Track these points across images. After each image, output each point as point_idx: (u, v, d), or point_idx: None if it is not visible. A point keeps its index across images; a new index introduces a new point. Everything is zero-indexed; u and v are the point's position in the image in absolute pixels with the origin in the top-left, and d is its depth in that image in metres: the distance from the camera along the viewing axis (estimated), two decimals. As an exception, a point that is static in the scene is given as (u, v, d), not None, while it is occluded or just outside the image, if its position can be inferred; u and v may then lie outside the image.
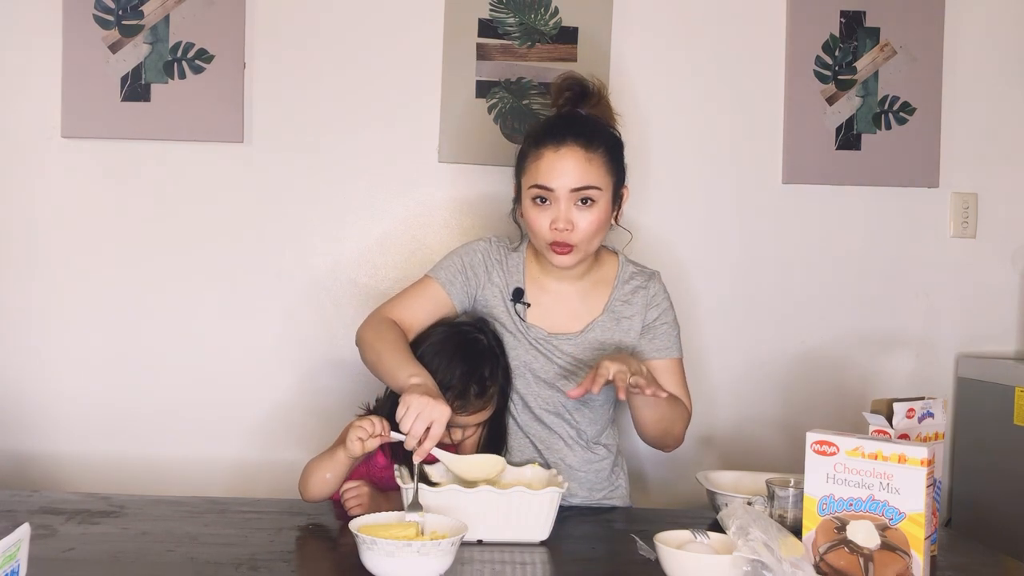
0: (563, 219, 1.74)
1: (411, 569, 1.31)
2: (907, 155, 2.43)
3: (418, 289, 1.88)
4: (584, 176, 1.74)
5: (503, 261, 1.89)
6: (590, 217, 1.75)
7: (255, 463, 2.33)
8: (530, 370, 1.85)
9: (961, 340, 2.48)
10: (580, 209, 1.75)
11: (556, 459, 1.84)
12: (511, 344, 1.85)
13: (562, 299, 1.87)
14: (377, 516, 1.44)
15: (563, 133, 1.76)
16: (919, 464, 1.31)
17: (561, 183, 1.74)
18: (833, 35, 2.40)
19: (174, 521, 1.63)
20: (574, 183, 1.74)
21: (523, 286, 1.86)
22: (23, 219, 2.32)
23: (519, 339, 1.85)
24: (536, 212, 1.77)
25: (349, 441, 1.57)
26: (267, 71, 2.33)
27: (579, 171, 1.74)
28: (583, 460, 1.87)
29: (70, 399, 2.32)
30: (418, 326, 1.82)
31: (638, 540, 1.53)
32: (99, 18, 2.28)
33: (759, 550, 1.28)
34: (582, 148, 1.74)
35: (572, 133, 1.76)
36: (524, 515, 1.54)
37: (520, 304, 1.85)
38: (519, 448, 1.86)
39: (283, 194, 2.35)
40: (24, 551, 1.09)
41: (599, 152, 1.76)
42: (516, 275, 1.87)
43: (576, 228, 1.75)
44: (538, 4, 2.34)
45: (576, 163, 1.74)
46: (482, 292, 1.88)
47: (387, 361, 1.71)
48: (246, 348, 2.34)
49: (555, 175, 1.74)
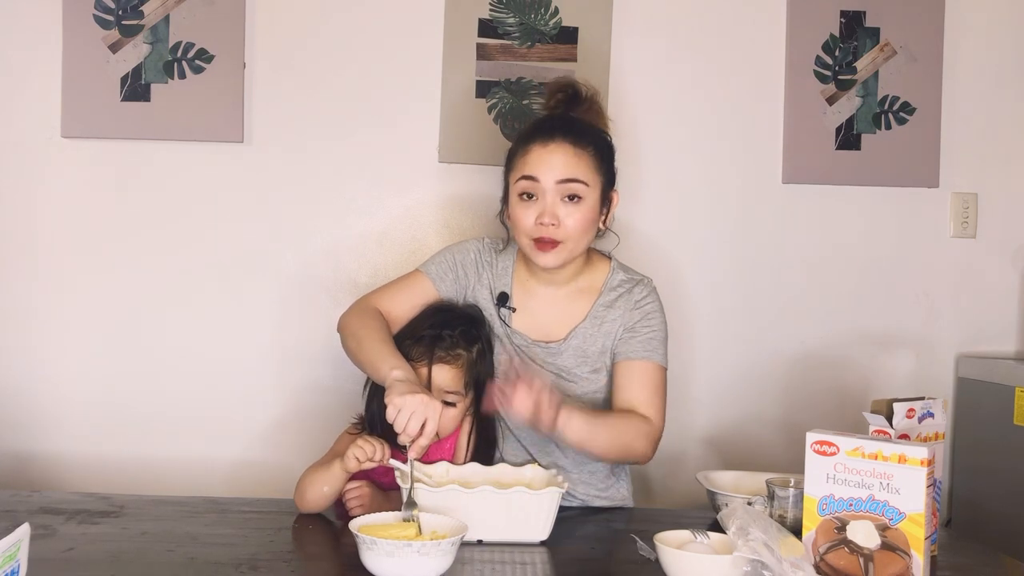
0: (549, 213, 1.72)
1: (411, 569, 1.30)
2: (907, 155, 2.43)
3: (407, 281, 1.87)
4: (571, 169, 1.73)
5: (492, 263, 1.88)
6: (576, 214, 1.73)
7: (255, 463, 2.33)
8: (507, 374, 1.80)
9: (961, 340, 2.48)
10: (566, 205, 1.73)
11: (549, 461, 1.80)
12: (497, 348, 1.83)
13: (548, 304, 1.84)
14: (377, 516, 1.45)
15: (552, 129, 1.76)
16: (919, 464, 1.31)
17: (548, 175, 1.72)
18: (833, 35, 2.41)
19: (174, 521, 1.63)
20: (560, 175, 1.72)
21: (509, 290, 1.85)
22: (23, 219, 2.32)
23: (504, 343, 1.84)
24: (522, 208, 1.75)
25: (347, 459, 1.57)
26: (267, 71, 2.34)
27: (566, 164, 1.73)
28: (576, 462, 1.83)
29: (70, 399, 2.32)
30: (403, 318, 1.80)
31: (638, 540, 1.53)
32: (99, 18, 2.28)
33: (759, 550, 1.28)
34: (570, 143, 1.74)
35: (561, 130, 1.75)
36: (524, 515, 1.54)
37: (505, 308, 1.84)
38: (512, 451, 1.84)
39: (283, 194, 2.35)
40: (24, 551, 1.09)
41: (587, 150, 1.75)
42: (504, 278, 1.86)
43: (562, 224, 1.73)
44: (538, 4, 2.35)
45: (564, 156, 1.73)
46: (472, 292, 1.87)
47: (368, 351, 1.69)
48: (245, 347, 2.34)
49: (542, 167, 1.73)
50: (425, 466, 1.63)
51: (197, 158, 2.33)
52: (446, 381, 1.70)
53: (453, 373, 1.71)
